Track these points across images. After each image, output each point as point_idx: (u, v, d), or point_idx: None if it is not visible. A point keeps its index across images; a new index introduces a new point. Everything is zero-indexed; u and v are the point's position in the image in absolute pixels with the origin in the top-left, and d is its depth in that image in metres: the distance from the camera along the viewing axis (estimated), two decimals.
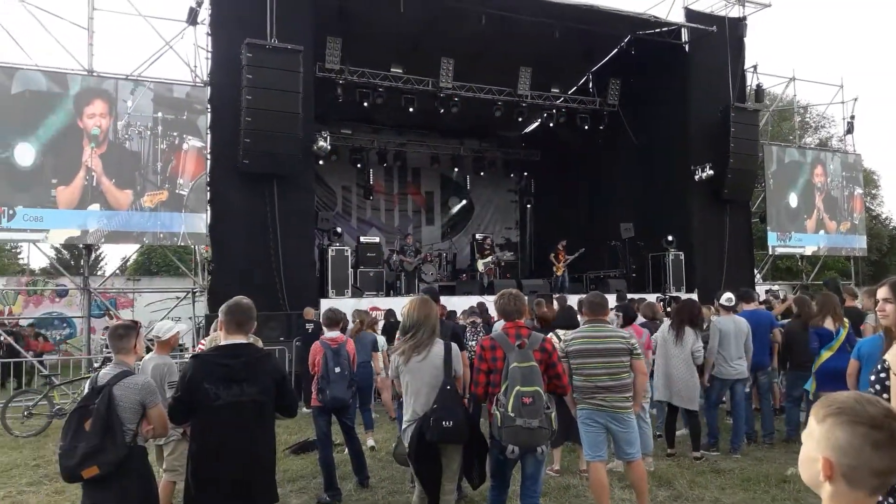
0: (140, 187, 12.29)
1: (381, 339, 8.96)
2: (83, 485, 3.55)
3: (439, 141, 21.10)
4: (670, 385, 7.00)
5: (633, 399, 5.09)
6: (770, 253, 18.24)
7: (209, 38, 12.82)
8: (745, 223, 16.95)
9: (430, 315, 4.34)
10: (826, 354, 6.84)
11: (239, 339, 3.63)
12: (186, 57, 13.03)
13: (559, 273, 16.40)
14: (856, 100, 19.39)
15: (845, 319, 7.02)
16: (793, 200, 18.27)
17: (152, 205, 12.34)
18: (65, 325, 20.38)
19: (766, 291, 14.90)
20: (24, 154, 11.65)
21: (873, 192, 33.38)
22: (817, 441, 1.47)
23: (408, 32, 15.67)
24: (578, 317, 7.36)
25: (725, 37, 15.85)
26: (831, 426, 1.45)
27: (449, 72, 15.56)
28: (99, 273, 25.36)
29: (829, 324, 7.03)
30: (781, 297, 13.93)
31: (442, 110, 16.29)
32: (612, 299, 11.63)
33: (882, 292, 3.13)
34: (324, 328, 6.52)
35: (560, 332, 6.50)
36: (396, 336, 4.63)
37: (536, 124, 20.38)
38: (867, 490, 1.42)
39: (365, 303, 12.80)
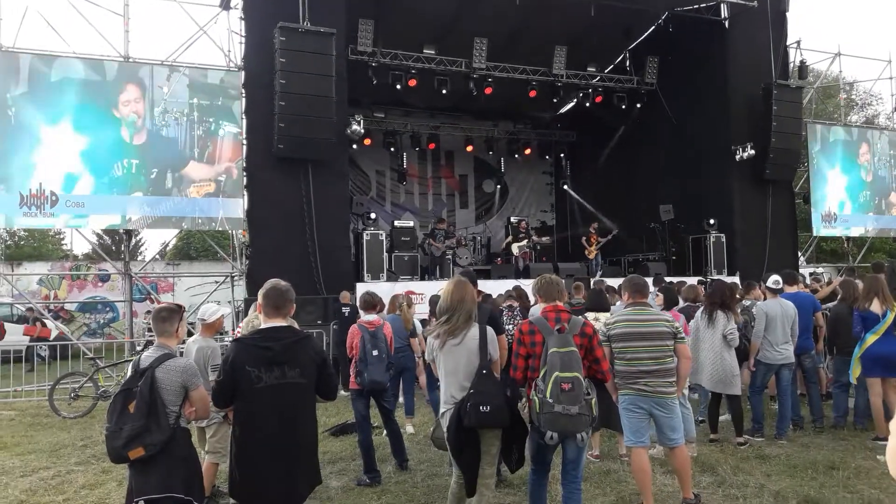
0: (178, 173, 12.42)
1: (418, 323, 8.96)
2: (130, 465, 3.61)
3: (473, 123, 20.95)
4: (700, 369, 6.84)
5: (676, 384, 4.98)
6: (814, 234, 17.77)
7: (242, 22, 12.84)
8: (788, 204, 16.50)
9: (467, 298, 4.28)
10: (871, 339, 6.63)
11: (278, 322, 3.64)
12: (220, 42, 13.14)
13: (591, 256, 16.20)
14: None
15: (895, 303, 6.80)
16: (838, 180, 17.74)
17: (199, 195, 12.47)
18: (108, 309, 20.83)
19: (810, 274, 14.55)
20: (66, 141, 11.84)
21: None
22: None
23: (440, 12, 15.51)
24: (618, 301, 7.28)
25: (767, 12, 15.36)
26: None
27: (482, 52, 15.39)
28: (139, 258, 25.82)
29: (875, 307, 6.81)
30: (826, 280, 13.59)
31: (475, 91, 16.14)
32: (650, 283, 11.46)
33: None
34: (361, 311, 6.52)
35: (590, 315, 6.43)
36: (431, 319, 4.60)
37: (572, 104, 20.10)
38: None
39: (400, 287, 12.82)
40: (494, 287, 12.03)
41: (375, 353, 6.07)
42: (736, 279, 13.59)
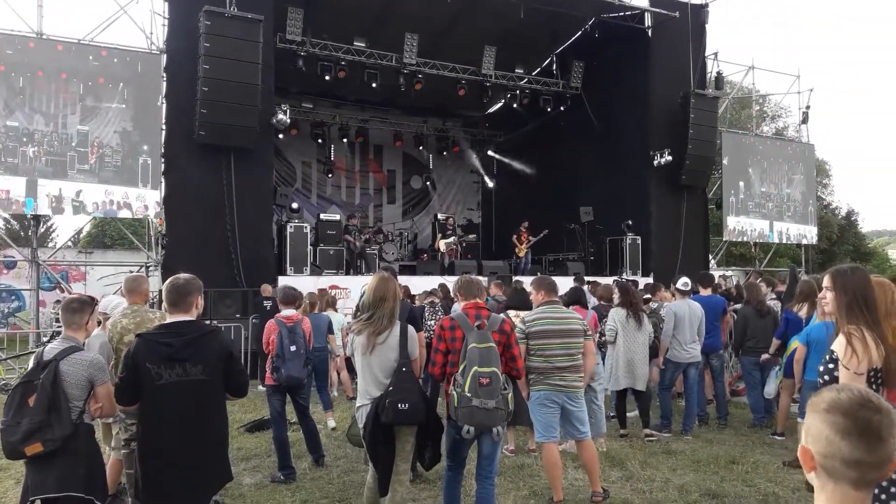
0: (93, 157, 11.90)
1: (339, 318, 8.90)
2: (26, 462, 3.47)
3: (402, 118, 20.91)
4: (633, 371, 7.06)
5: (583, 378, 5.22)
6: (724, 239, 18.58)
7: (166, 3, 12.40)
8: (702, 209, 17.19)
9: (391, 295, 4.28)
10: (795, 343, 6.90)
11: (181, 317, 3.50)
12: (142, 23, 12.65)
13: (521, 255, 16.40)
14: (811, 91, 19.75)
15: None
16: (748, 187, 18.61)
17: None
18: (13, 297, 19.75)
19: (720, 276, 15.19)
20: None
21: (825, 181, 34.24)
22: (804, 432, 1.47)
23: (372, 5, 15.42)
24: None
25: (687, 23, 15.94)
26: (810, 416, 1.45)
27: (413, 48, 15.37)
28: (49, 245, 24.57)
29: (804, 311, 7.10)
30: (734, 282, 14.24)
31: (405, 87, 16.10)
32: (569, 282, 11.73)
33: (824, 280, 3.18)
34: (280, 306, 6.42)
35: (511, 313, 6.57)
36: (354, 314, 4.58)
37: (500, 105, 20.34)
38: (848, 482, 1.39)
39: (324, 281, 12.67)
40: (419, 283, 12.08)
41: (293, 348, 5.99)
42: (650, 280, 14.07)
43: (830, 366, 2.87)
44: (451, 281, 11.76)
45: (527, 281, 9.32)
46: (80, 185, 11.85)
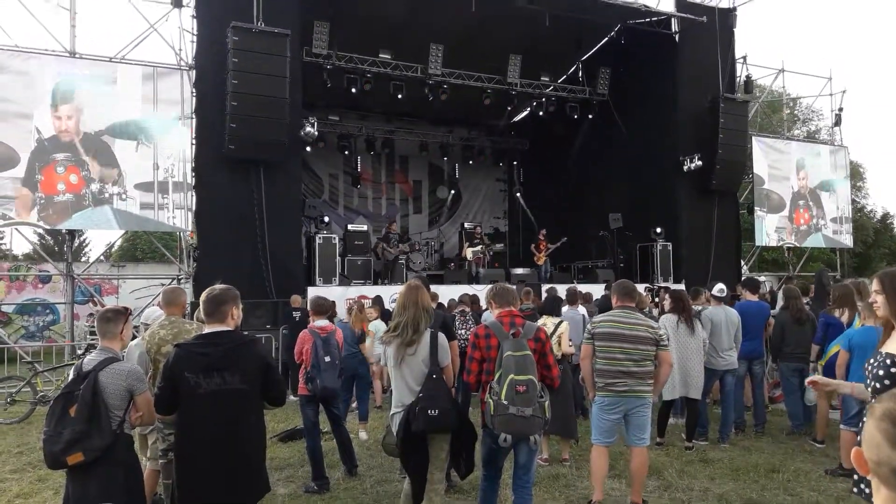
0: (124, 172, 12.11)
1: (377, 324, 8.88)
2: (67, 472, 3.49)
3: (428, 128, 20.95)
4: (687, 379, 6.95)
5: (653, 386, 5.15)
6: (757, 244, 18.27)
7: (194, 20, 12.59)
8: (733, 214, 16.94)
9: (412, 303, 4.27)
10: (834, 349, 6.77)
11: (218, 328, 3.54)
12: (171, 40, 12.85)
13: (540, 262, 16.38)
14: (844, 92, 19.40)
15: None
16: (780, 192, 18.32)
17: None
18: (48, 311, 20.10)
19: None
20: (6, 136, 11.43)
21: (859, 184, 33.63)
22: (862, 436, 1.45)
23: (396, 17, 15.48)
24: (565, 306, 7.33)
25: (715, 27, 15.76)
26: (868, 419, 1.43)
27: (438, 58, 15.42)
28: (83, 259, 25.00)
29: (844, 316, 6.95)
30: (767, 288, 13.99)
31: (431, 97, 16.14)
32: (600, 289, 11.63)
33: (873, 284, 3.12)
34: (312, 316, 6.43)
35: (543, 318, 6.56)
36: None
37: (525, 113, 20.30)
38: None
39: (353, 291, 12.73)
40: (447, 292, 12.07)
41: (328, 359, 5.99)
42: (682, 286, 13.88)
43: (893, 370, 2.80)
44: (478, 290, 11.73)
45: (560, 288, 9.26)
46: (112, 197, 12.07)
